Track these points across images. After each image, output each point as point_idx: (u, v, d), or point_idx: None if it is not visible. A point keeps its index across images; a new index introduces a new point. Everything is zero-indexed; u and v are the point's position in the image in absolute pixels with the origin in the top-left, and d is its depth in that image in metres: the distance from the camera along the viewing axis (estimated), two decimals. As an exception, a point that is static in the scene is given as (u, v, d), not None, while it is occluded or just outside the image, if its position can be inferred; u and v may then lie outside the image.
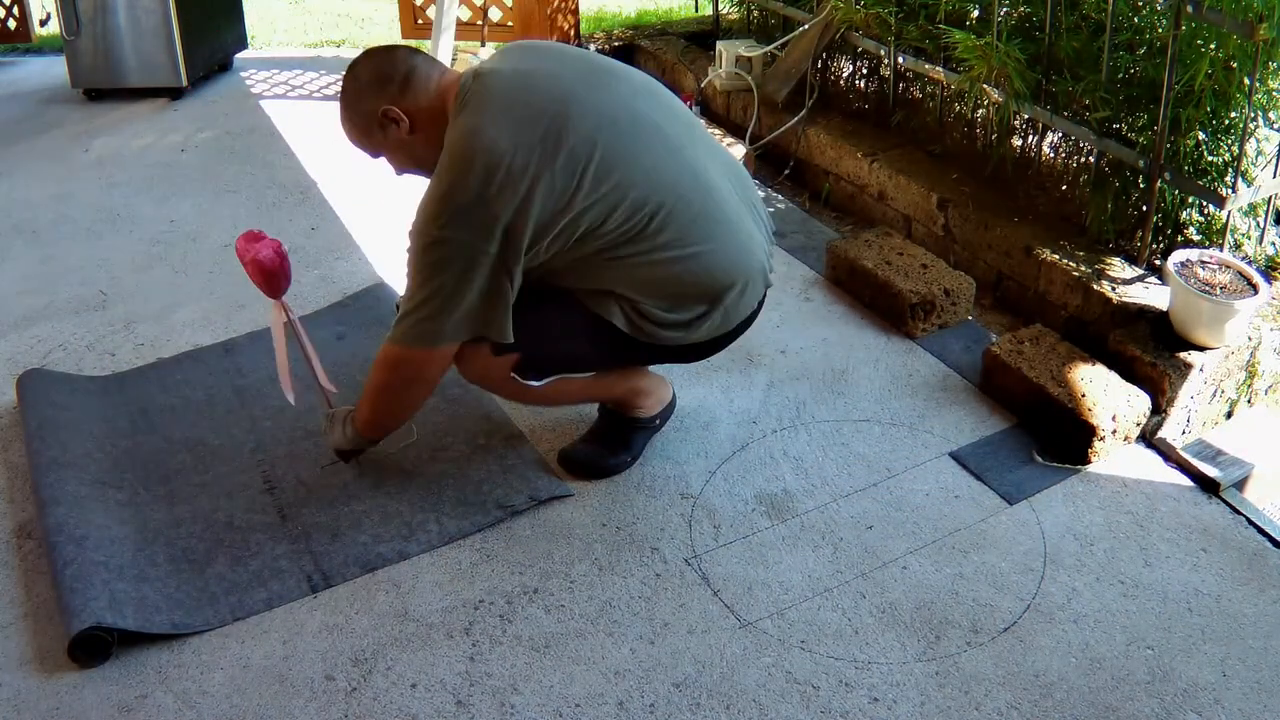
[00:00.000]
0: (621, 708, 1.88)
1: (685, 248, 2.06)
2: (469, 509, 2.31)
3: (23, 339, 2.98)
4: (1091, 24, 2.90)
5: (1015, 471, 2.40)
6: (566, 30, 4.88)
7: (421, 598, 2.11)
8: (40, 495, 2.29)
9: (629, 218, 2.01)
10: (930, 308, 2.86)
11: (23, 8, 5.24)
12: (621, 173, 1.99)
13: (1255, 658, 1.95)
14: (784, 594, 2.10)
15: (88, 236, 3.56)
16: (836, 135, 3.70)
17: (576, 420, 2.57)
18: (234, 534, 2.25)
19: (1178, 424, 2.53)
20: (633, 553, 2.21)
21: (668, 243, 2.04)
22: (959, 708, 1.87)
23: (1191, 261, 2.57)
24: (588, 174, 1.96)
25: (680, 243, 2.05)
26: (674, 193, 2.04)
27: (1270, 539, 2.21)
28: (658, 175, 2.03)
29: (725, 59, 4.13)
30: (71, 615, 1.96)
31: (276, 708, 1.89)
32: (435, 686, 1.93)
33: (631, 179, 2.00)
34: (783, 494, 2.36)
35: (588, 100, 2.02)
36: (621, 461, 2.41)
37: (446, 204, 1.96)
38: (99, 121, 4.54)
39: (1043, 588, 2.11)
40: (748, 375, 2.74)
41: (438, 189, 1.98)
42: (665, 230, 2.04)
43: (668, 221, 2.03)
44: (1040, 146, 3.28)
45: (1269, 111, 2.69)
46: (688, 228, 2.05)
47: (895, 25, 3.50)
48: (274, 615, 2.08)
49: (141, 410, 2.63)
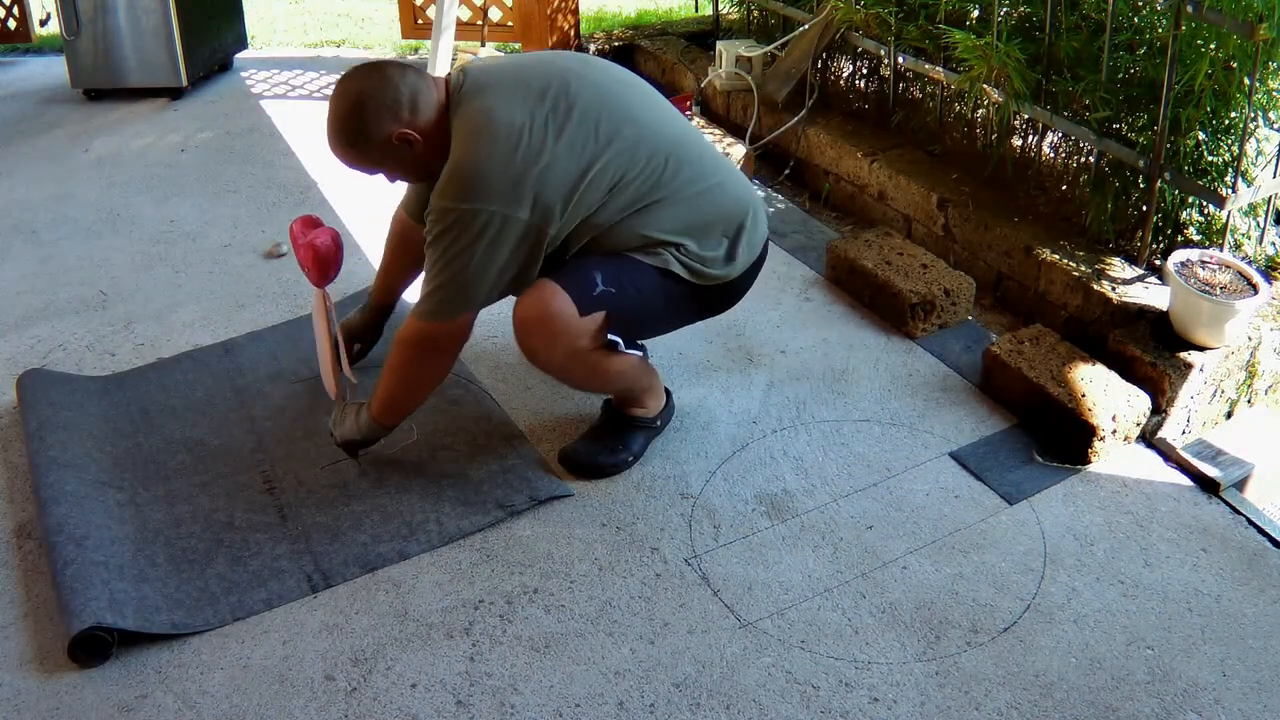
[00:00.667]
0: (621, 708, 1.88)
1: (705, 181, 2.24)
2: (469, 509, 2.31)
3: (23, 339, 2.98)
4: (1091, 24, 2.90)
5: (1015, 471, 2.40)
6: (566, 30, 4.87)
7: (421, 598, 2.11)
8: (40, 495, 2.29)
9: (648, 161, 2.16)
10: (930, 308, 2.86)
11: (23, 8, 5.24)
12: (630, 126, 2.15)
13: (1255, 658, 1.95)
14: (784, 594, 2.10)
15: (88, 236, 3.56)
16: (836, 135, 3.69)
17: (577, 420, 2.57)
18: (234, 534, 2.25)
19: (1178, 424, 2.53)
20: (633, 553, 2.21)
21: (690, 179, 2.21)
22: (959, 708, 1.87)
23: (1191, 261, 2.57)
24: (600, 129, 2.11)
25: (700, 178, 2.23)
26: (674, 140, 2.22)
27: (1270, 539, 2.21)
28: (658, 127, 2.21)
29: (725, 59, 4.13)
30: (71, 615, 1.96)
31: (276, 708, 1.89)
32: (435, 686, 1.93)
33: (640, 132, 2.16)
34: (783, 494, 2.36)
35: (579, 72, 2.19)
36: (621, 460, 2.41)
37: (475, 179, 2.04)
38: (99, 121, 4.54)
39: (1043, 588, 2.11)
40: (748, 375, 2.74)
41: (464, 168, 2.05)
42: (682, 170, 2.20)
43: (682, 162, 2.21)
44: (1040, 146, 3.28)
45: (1269, 111, 2.69)
46: (698, 165, 2.24)
47: (895, 25, 3.50)
48: (274, 615, 2.08)
49: (141, 410, 2.63)
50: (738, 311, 2.99)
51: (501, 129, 2.04)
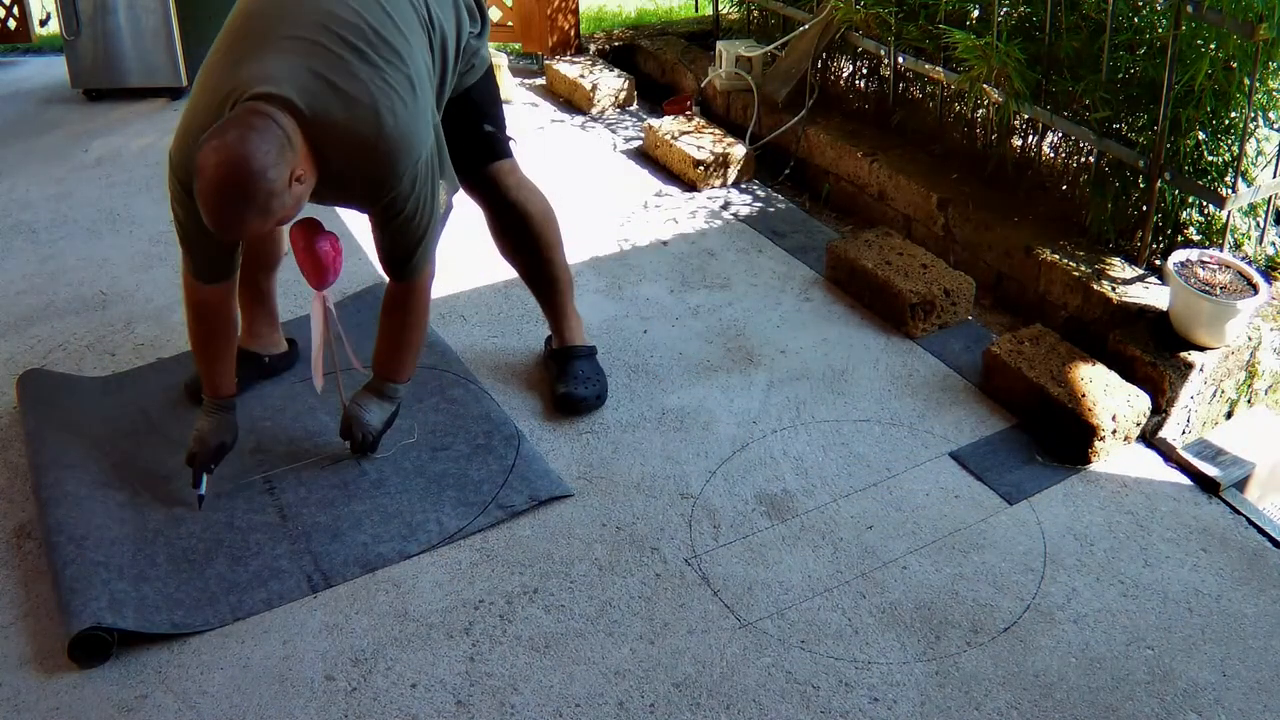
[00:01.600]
0: (621, 708, 1.88)
1: None
2: (469, 509, 2.31)
3: (23, 339, 2.98)
4: (1091, 24, 2.90)
5: (1015, 471, 2.40)
6: (566, 30, 4.88)
7: (421, 598, 2.11)
8: (40, 495, 2.29)
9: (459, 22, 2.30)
10: (930, 308, 2.86)
11: (23, 8, 5.24)
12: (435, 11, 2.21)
13: (1255, 658, 1.95)
14: (784, 594, 2.10)
15: (88, 236, 3.56)
16: (836, 135, 3.69)
17: (577, 420, 2.58)
18: (234, 534, 2.25)
19: (1178, 424, 2.53)
20: (633, 553, 2.21)
21: None
22: (959, 708, 1.87)
23: (1191, 261, 2.57)
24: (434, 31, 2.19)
25: None
26: None
27: (1270, 539, 2.21)
28: None
29: (725, 59, 4.13)
30: (71, 615, 1.96)
31: (276, 708, 1.89)
32: (435, 686, 1.93)
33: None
34: (783, 494, 2.36)
35: None
36: (589, 391, 2.61)
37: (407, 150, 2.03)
38: (99, 121, 4.54)
39: (1043, 588, 2.11)
40: (748, 375, 2.74)
41: (391, 136, 1.99)
42: None
43: None
44: (1040, 146, 3.28)
45: (1269, 111, 2.70)
46: None
47: (895, 25, 3.50)
48: (274, 615, 2.08)
49: (141, 410, 2.63)
50: (738, 311, 3.00)
51: (398, 90, 2.00)
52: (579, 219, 3.38)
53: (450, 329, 2.94)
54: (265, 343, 2.69)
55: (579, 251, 3.20)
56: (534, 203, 2.56)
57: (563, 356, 2.68)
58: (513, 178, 2.52)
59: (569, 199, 2.65)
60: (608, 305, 3.05)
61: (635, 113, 4.43)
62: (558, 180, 2.65)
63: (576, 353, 2.68)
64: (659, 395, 2.67)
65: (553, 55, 4.82)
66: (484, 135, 2.46)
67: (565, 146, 4.12)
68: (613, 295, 3.10)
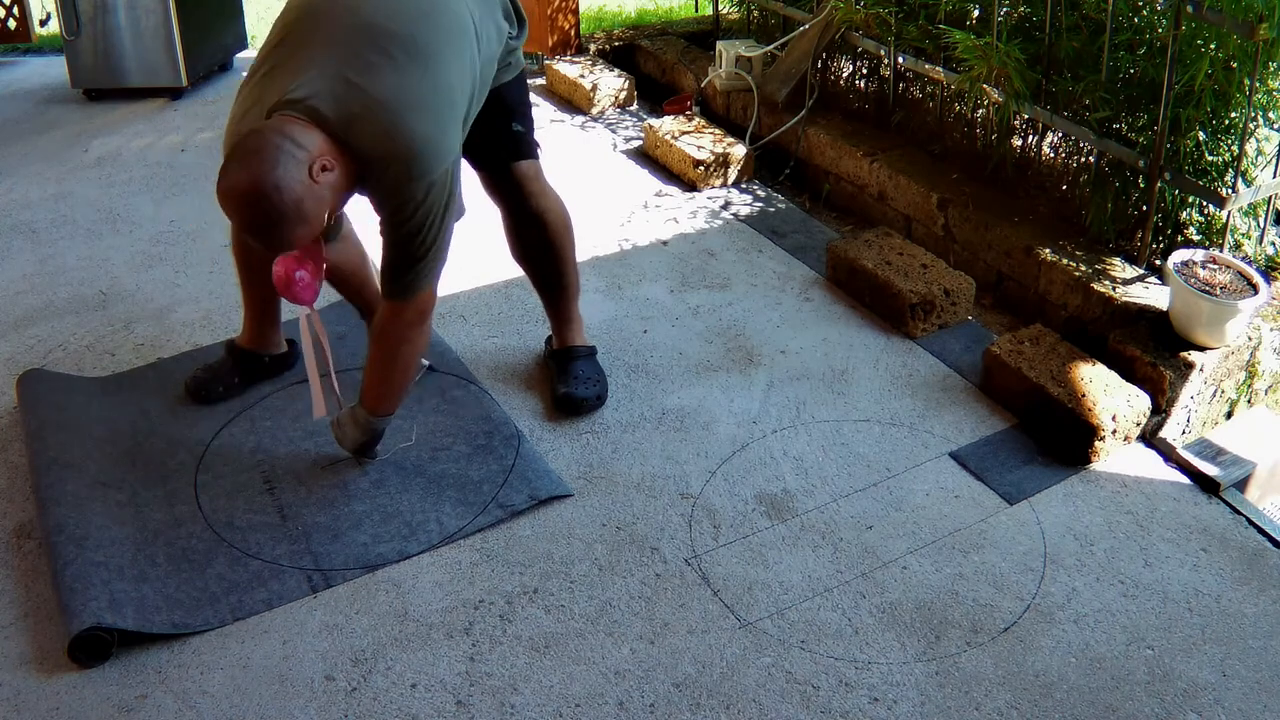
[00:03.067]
0: (621, 708, 1.88)
1: None
2: (469, 509, 2.31)
3: (23, 339, 2.98)
4: (1091, 24, 2.90)
5: (1015, 471, 2.40)
6: (566, 30, 4.87)
7: (421, 598, 2.11)
8: (40, 495, 2.29)
9: None
10: (930, 308, 2.86)
11: (23, 8, 5.23)
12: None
13: (1255, 658, 1.95)
14: (784, 594, 2.10)
15: (88, 236, 3.56)
16: (836, 135, 3.69)
17: (578, 420, 2.58)
18: (234, 534, 2.25)
19: (1178, 424, 2.53)
20: (633, 553, 2.21)
21: None
22: (959, 708, 1.87)
23: (1191, 261, 2.57)
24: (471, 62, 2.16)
25: None
26: None
27: (1270, 539, 2.21)
28: None
29: (725, 59, 4.13)
30: (71, 615, 1.96)
31: (276, 708, 1.89)
32: (435, 686, 1.93)
33: None
34: (783, 494, 2.36)
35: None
36: (590, 391, 2.59)
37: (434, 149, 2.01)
38: (99, 121, 4.54)
39: (1043, 588, 2.11)
40: (748, 375, 2.74)
41: (417, 141, 1.98)
42: None
43: None
44: (1040, 146, 3.28)
45: (1269, 111, 2.70)
46: None
47: (895, 25, 3.50)
48: (274, 615, 2.08)
49: (141, 410, 2.63)
50: (738, 311, 3.00)
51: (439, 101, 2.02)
52: (579, 219, 3.36)
53: (450, 329, 2.94)
54: (266, 343, 2.70)
55: (579, 251, 3.18)
56: (554, 211, 2.55)
57: (563, 357, 2.68)
58: (536, 184, 2.51)
59: (569, 199, 2.65)
60: (608, 305, 3.05)
61: (635, 113, 4.43)
62: (558, 180, 2.65)
63: (577, 353, 2.68)
64: (659, 395, 2.67)
65: (553, 55, 4.82)
66: (513, 134, 2.45)
67: (565, 146, 4.12)
68: (613, 295, 3.10)
